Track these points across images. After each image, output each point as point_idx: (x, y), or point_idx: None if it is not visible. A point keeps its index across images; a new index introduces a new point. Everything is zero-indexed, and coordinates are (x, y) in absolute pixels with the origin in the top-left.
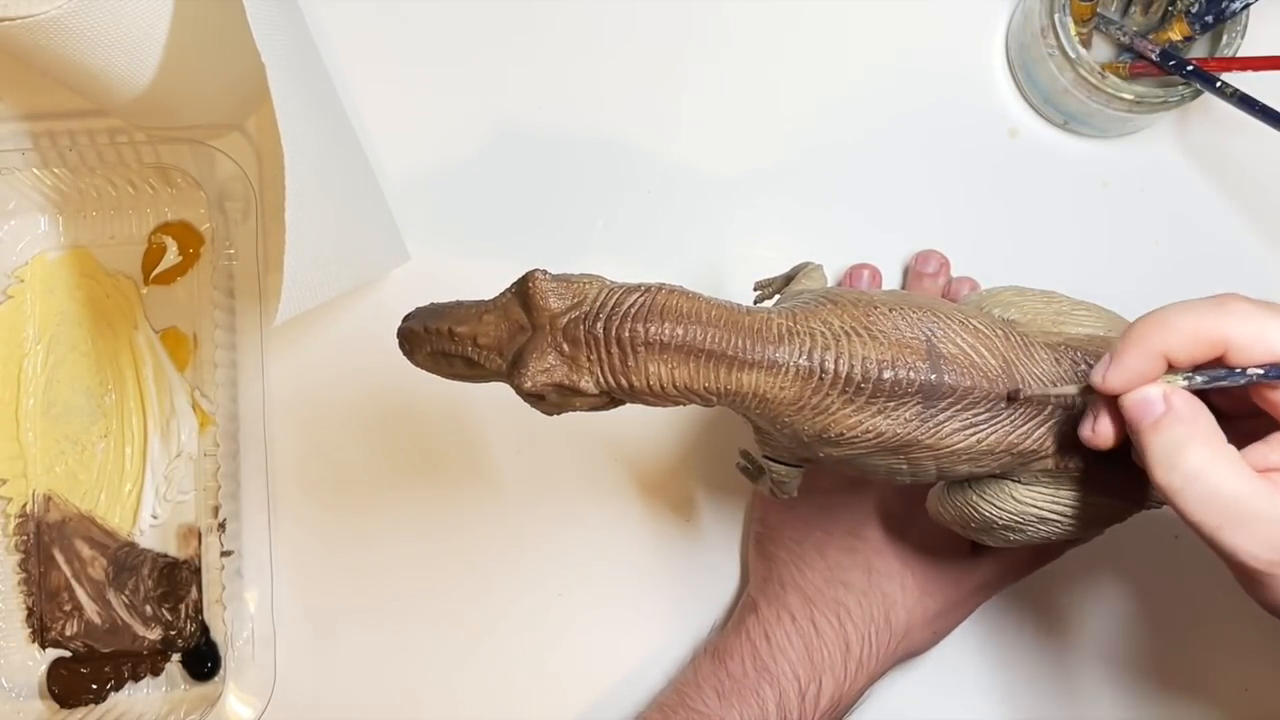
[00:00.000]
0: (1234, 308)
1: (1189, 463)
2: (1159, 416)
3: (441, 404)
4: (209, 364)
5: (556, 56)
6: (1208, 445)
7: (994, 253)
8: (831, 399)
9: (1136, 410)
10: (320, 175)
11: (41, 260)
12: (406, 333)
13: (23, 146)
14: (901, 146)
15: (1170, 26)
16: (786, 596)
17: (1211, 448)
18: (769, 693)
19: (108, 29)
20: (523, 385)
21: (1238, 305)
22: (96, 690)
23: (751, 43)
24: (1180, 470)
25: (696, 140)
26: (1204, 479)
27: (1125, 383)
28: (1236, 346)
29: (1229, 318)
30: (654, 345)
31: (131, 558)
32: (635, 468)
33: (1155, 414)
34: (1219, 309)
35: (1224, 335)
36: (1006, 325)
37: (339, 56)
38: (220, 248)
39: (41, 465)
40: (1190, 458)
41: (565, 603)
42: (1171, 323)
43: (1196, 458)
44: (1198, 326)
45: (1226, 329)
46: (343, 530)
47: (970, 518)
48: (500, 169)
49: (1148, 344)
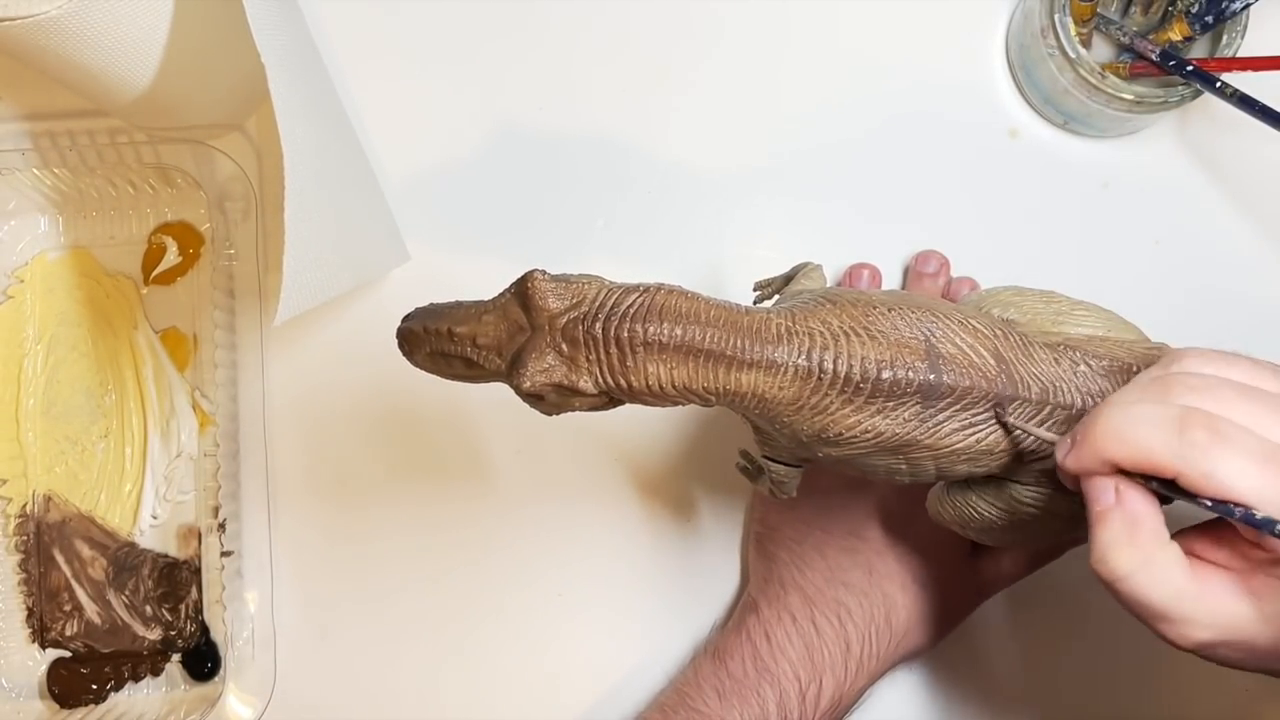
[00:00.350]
0: (1191, 440)
1: (1123, 562)
2: (1107, 506)
3: (441, 404)
4: (209, 364)
5: (556, 57)
6: (1144, 548)
7: (994, 253)
8: (830, 399)
9: (1090, 489)
10: (320, 175)
11: (41, 260)
12: (406, 333)
13: (23, 146)
14: (901, 146)
15: (1170, 26)
16: (787, 597)
17: (1146, 551)
18: (769, 693)
19: (108, 29)
20: (522, 385)
21: (1196, 437)
22: (96, 690)
23: (751, 42)
24: (1111, 567)
25: (696, 140)
26: (1135, 579)
27: (1078, 471)
28: (1187, 481)
29: (1182, 451)
30: (653, 345)
31: (131, 558)
32: (635, 468)
33: (1105, 501)
34: (1176, 435)
35: (1173, 468)
36: (1006, 325)
37: (339, 56)
38: (220, 248)
39: (41, 465)
40: (1125, 557)
41: (565, 603)
42: (1124, 435)
43: (1130, 559)
44: (1149, 451)
45: (1177, 463)
46: (343, 530)
47: (970, 518)
48: (500, 169)
49: (1099, 450)
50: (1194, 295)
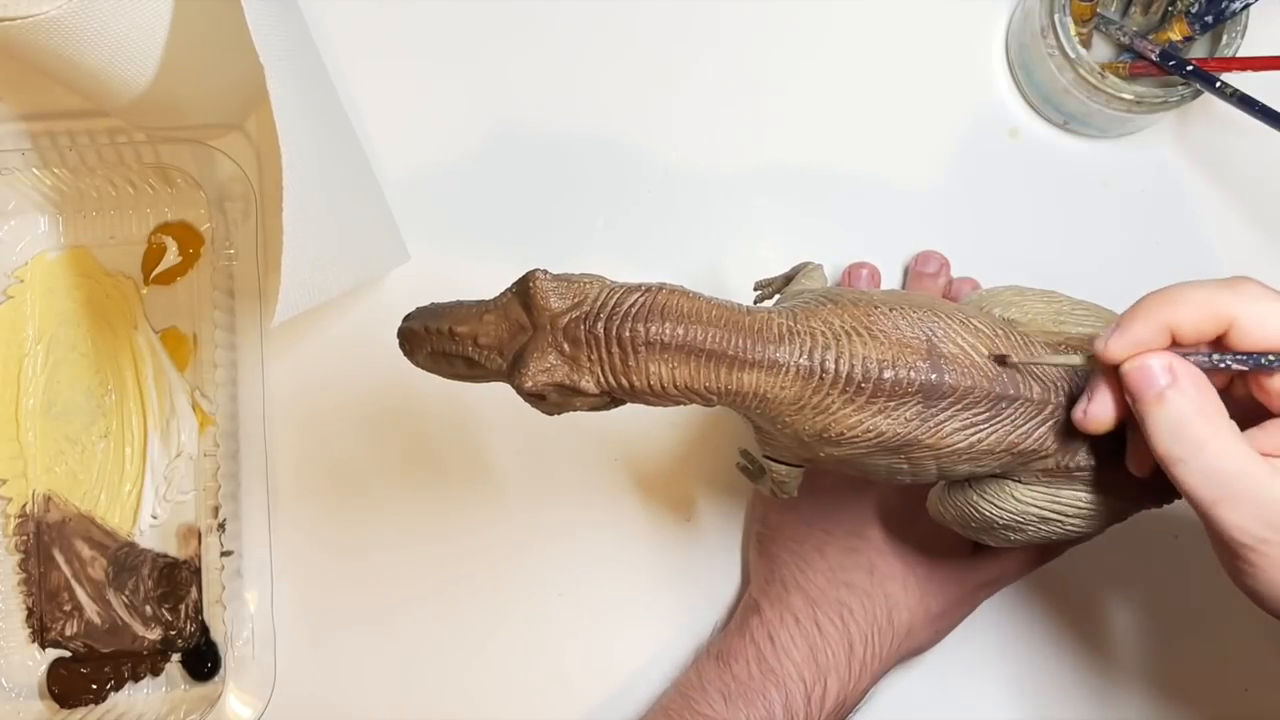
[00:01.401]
0: (1245, 289)
1: (1194, 435)
2: (1164, 387)
3: (441, 404)
4: (209, 364)
5: (557, 56)
6: (1212, 420)
7: (994, 253)
8: (832, 398)
9: (1139, 378)
10: (319, 175)
11: (41, 260)
12: (406, 332)
13: (23, 146)
14: (901, 146)
15: (1170, 26)
16: (789, 597)
17: (1216, 423)
18: (775, 695)
19: (108, 29)
20: (523, 385)
21: (1249, 286)
22: (96, 690)
23: (751, 42)
24: (1184, 441)
25: (697, 140)
26: (1207, 453)
27: (1127, 351)
28: (1241, 326)
29: (1239, 297)
30: (654, 345)
31: (131, 558)
32: (635, 468)
33: (1159, 385)
34: (1229, 288)
35: (1231, 312)
36: (1007, 325)
37: (339, 56)
38: (220, 248)
39: (41, 465)
40: (1195, 430)
41: (565, 603)
42: (1181, 294)
43: (1202, 431)
44: (1207, 301)
45: (1234, 307)
46: (343, 530)
47: (970, 517)
48: (501, 169)
49: (1155, 314)
50: None
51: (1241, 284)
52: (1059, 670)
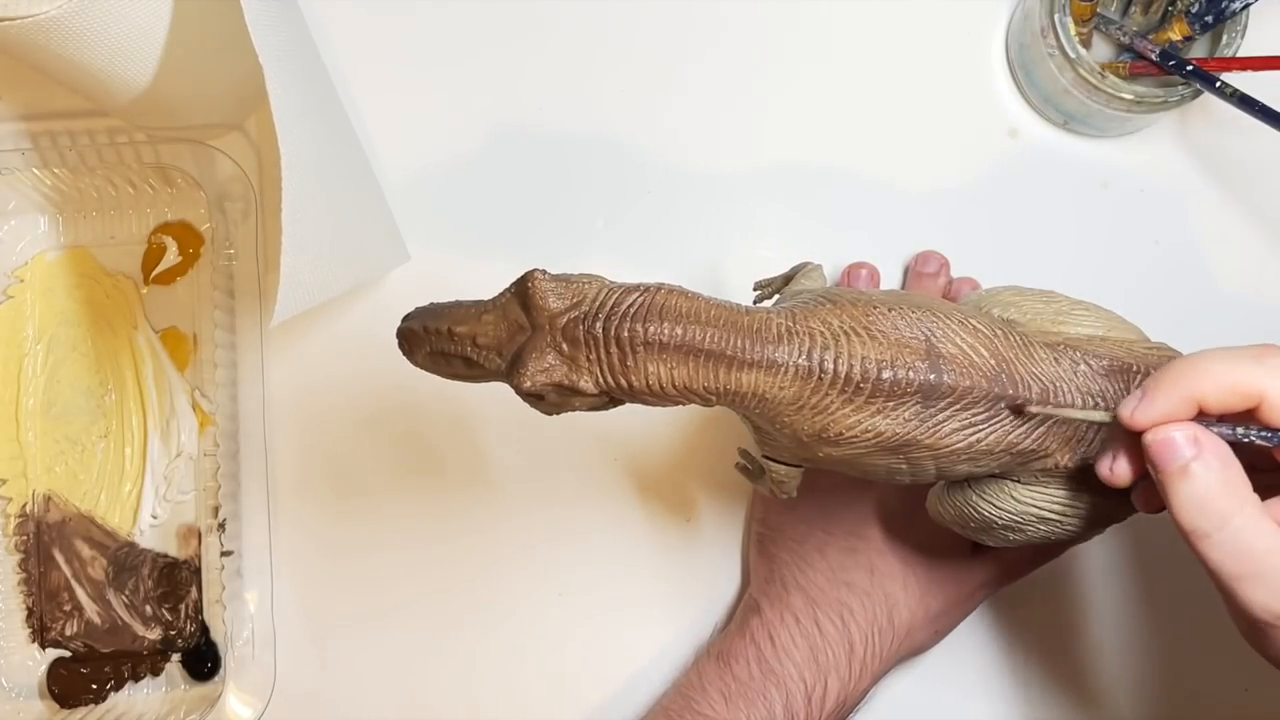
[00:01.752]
0: (1272, 361)
1: (1218, 510)
2: (1188, 460)
3: (441, 404)
4: (209, 364)
5: (557, 56)
6: (1237, 493)
7: (994, 253)
8: (831, 399)
9: (1163, 451)
10: (319, 175)
11: (41, 260)
12: (406, 332)
13: (23, 146)
14: (901, 146)
15: (1170, 26)
16: (790, 598)
17: (1241, 496)
18: (775, 695)
19: (108, 29)
20: (522, 385)
21: (1276, 359)
22: (96, 690)
23: (751, 43)
24: (1209, 516)
25: (696, 140)
26: (1231, 528)
27: (1152, 421)
28: (1272, 402)
29: (1267, 372)
30: (653, 345)
31: (131, 558)
32: (635, 468)
33: (1183, 458)
34: (1258, 361)
35: (1261, 389)
36: (1006, 325)
37: (339, 56)
38: (220, 248)
39: (41, 465)
40: (1220, 505)
41: (565, 603)
42: (1209, 369)
43: (1226, 506)
44: (1236, 377)
45: (1264, 383)
46: (343, 530)
47: (970, 518)
48: (501, 169)
49: (1182, 386)
50: (1194, 295)
51: (1269, 356)
52: (1058, 670)
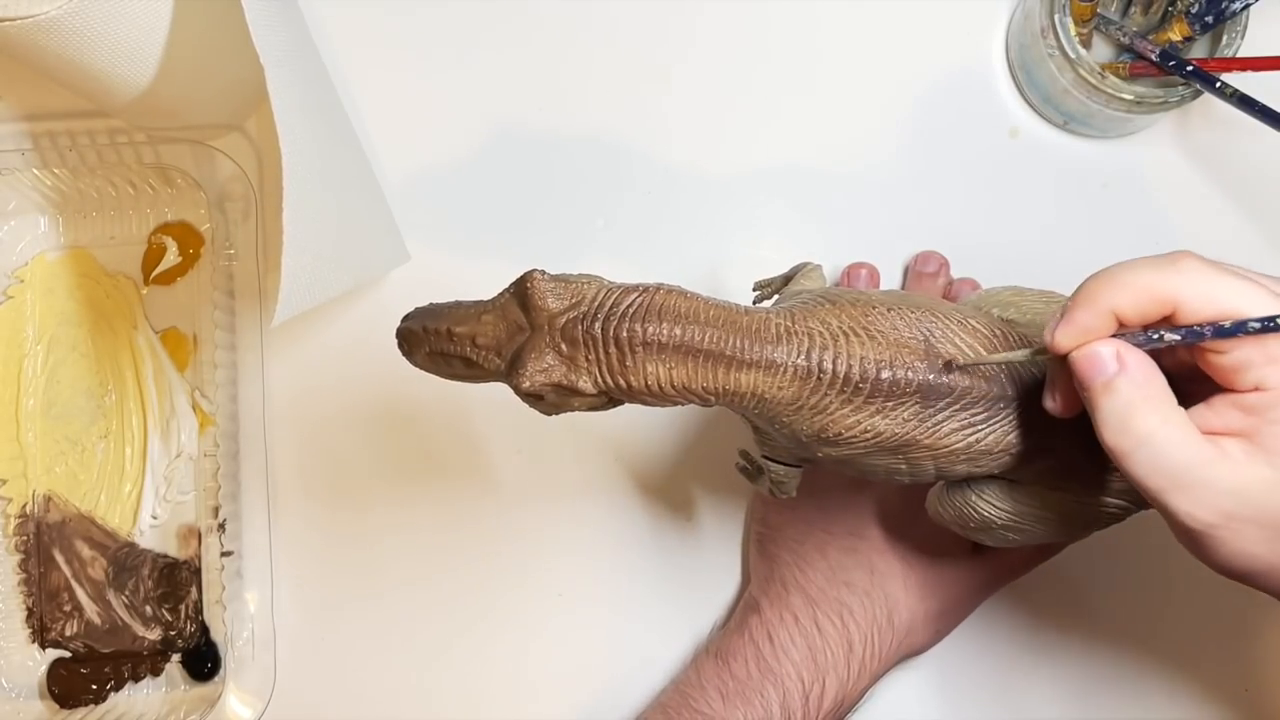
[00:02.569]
0: (1186, 265)
1: (1141, 426)
2: (1111, 376)
3: (441, 404)
4: (209, 364)
5: (557, 57)
6: (1159, 409)
7: (994, 253)
8: (829, 399)
9: (1087, 367)
10: (319, 175)
11: (41, 260)
12: (405, 333)
13: (23, 146)
14: (901, 146)
15: (1170, 27)
16: (789, 597)
17: (1163, 412)
18: (773, 694)
19: (108, 29)
20: (521, 385)
21: (1190, 263)
22: (96, 690)
23: (751, 43)
24: (1131, 433)
25: (696, 140)
26: (1154, 444)
27: (1075, 340)
28: (1186, 305)
29: (1181, 275)
30: (652, 345)
31: (131, 558)
32: (635, 468)
33: (1107, 373)
34: (1171, 266)
35: (1175, 293)
36: (1005, 325)
37: (339, 56)
38: (220, 248)
39: (41, 465)
40: (1142, 421)
41: (566, 603)
42: (1123, 279)
43: (1148, 422)
44: (1149, 283)
45: (1178, 287)
46: (343, 530)
47: (969, 518)
48: (500, 169)
49: (1098, 300)
50: None
51: (1183, 261)
52: (1057, 670)
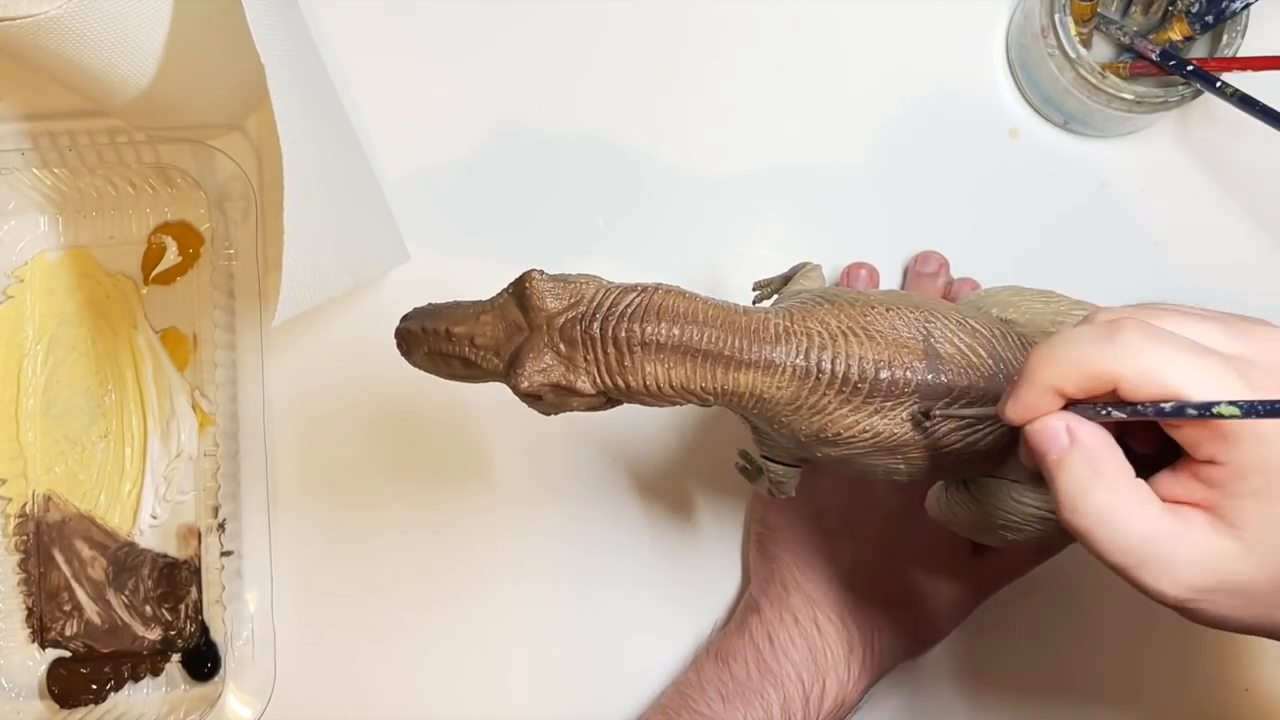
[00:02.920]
0: (1124, 338)
1: (1094, 504)
2: (1062, 452)
3: (441, 404)
4: (209, 364)
5: (557, 56)
6: (1112, 484)
7: (994, 253)
8: (828, 399)
9: (1040, 441)
10: (320, 175)
11: (41, 260)
12: (404, 333)
13: (23, 146)
14: (901, 146)
15: (1170, 26)
16: (789, 598)
17: (1115, 488)
18: (773, 695)
19: (108, 29)
20: (519, 385)
21: (1128, 335)
22: (96, 690)
23: (751, 43)
24: (1086, 512)
25: (696, 140)
26: (1111, 522)
27: (1024, 416)
28: (1125, 383)
29: (1117, 352)
30: (650, 345)
31: (131, 558)
32: (635, 468)
33: (1059, 447)
34: (1108, 341)
35: (1111, 371)
36: (1005, 325)
37: (339, 56)
38: (220, 248)
39: (41, 465)
40: (1096, 499)
41: (565, 603)
42: (1059, 356)
43: (1101, 498)
44: (1084, 360)
45: (1114, 365)
46: (343, 530)
47: (969, 517)
48: (500, 169)
49: (1038, 379)
50: (1193, 296)
51: (1122, 334)
52: (1057, 670)
